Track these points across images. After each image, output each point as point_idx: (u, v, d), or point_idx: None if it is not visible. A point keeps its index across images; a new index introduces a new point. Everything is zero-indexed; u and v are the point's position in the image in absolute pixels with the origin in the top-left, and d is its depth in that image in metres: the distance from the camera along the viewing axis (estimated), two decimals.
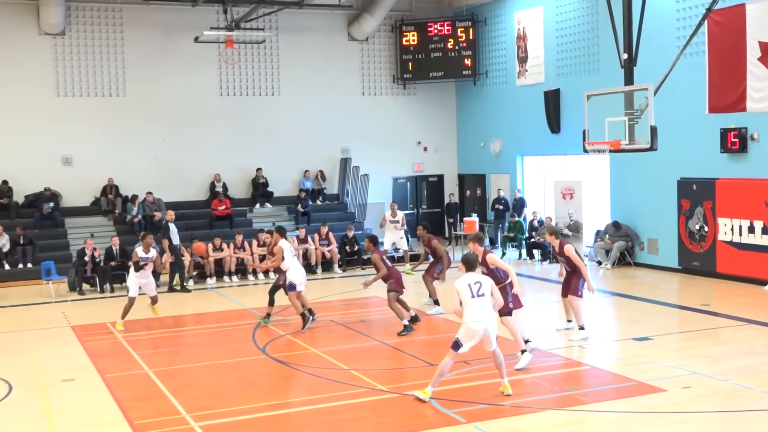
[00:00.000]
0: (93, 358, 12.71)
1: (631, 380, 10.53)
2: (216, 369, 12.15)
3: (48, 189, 23.43)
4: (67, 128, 24.38)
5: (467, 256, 10.12)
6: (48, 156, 24.21)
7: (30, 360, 12.94)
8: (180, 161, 25.47)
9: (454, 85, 28.77)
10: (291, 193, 26.42)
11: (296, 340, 13.68)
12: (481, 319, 9.57)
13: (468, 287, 9.65)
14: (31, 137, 23.96)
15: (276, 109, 26.61)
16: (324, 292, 18.82)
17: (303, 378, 11.35)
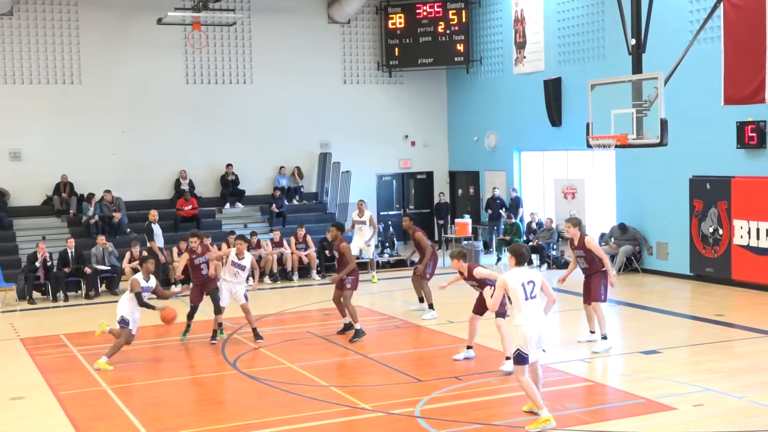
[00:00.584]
0: (45, 374, 12.69)
1: (638, 397, 10.63)
2: (181, 385, 12.16)
3: None
4: (14, 119, 24.28)
5: (517, 248, 9.74)
6: None
7: None
8: (141, 156, 25.43)
9: (445, 73, 28.87)
10: (264, 191, 26.43)
11: (270, 353, 13.71)
12: (531, 323, 9.41)
13: (522, 287, 9.41)
14: None
15: (248, 98, 26.61)
16: (301, 300, 18.84)
17: (277, 395, 11.37)
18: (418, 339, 14.74)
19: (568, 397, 10.80)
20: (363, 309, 17.43)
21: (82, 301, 19.75)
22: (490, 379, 11.76)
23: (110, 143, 25.18)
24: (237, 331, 15.36)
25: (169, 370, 13.14)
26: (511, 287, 9.39)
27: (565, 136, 23.38)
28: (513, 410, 10.25)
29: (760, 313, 15.79)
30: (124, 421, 10.37)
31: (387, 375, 12.25)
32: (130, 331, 13.30)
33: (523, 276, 9.46)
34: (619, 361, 12.90)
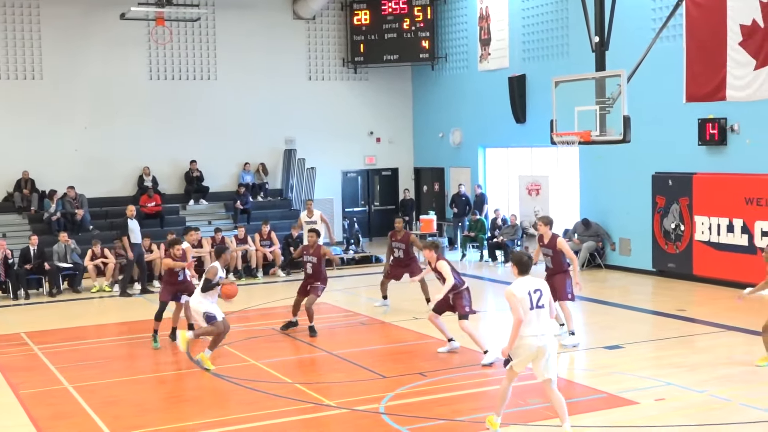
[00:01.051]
0: (5, 373, 12.54)
1: (600, 392, 10.71)
2: (144, 383, 12.08)
3: None
4: None
5: (519, 256, 9.21)
6: None
7: None
8: (104, 153, 25.20)
9: (411, 70, 28.89)
10: (229, 188, 26.31)
11: (234, 351, 13.64)
12: (538, 334, 8.88)
13: (528, 296, 8.91)
14: None
15: (212, 94, 26.46)
16: (266, 297, 18.77)
17: (241, 393, 11.32)
18: (382, 335, 14.75)
19: (530, 393, 10.84)
20: (328, 306, 17.43)
21: (44, 298, 19.55)
22: (454, 375, 11.79)
23: (73, 139, 24.93)
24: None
25: (131, 368, 13.04)
26: (519, 297, 8.88)
27: (530, 133, 23.49)
28: (476, 406, 10.29)
29: (721, 308, 15.97)
30: (85, 420, 10.27)
31: (352, 372, 12.23)
32: (222, 320, 12.90)
33: (529, 285, 9.00)
34: (582, 356, 12.99)
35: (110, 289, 20.17)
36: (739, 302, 12.75)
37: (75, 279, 20.31)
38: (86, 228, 22.99)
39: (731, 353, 12.68)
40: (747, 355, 12.48)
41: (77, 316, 17.33)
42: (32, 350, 14.17)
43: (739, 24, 17.05)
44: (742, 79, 17.23)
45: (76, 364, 13.19)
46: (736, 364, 12.06)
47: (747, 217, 17.69)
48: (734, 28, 17.14)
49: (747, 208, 17.66)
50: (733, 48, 17.20)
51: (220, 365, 12.73)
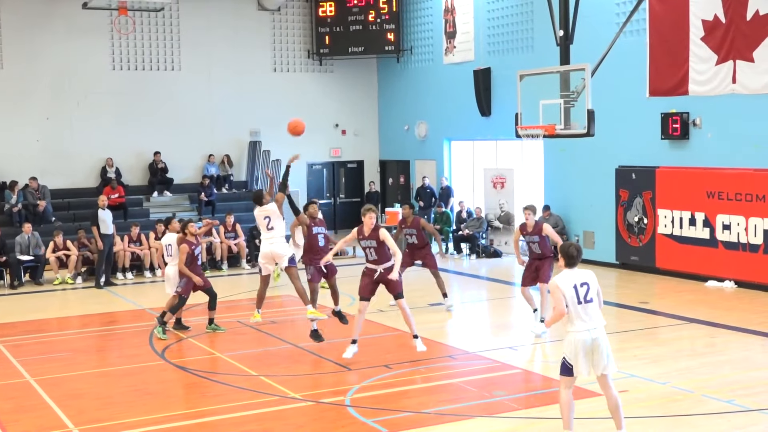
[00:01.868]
0: None
1: None
2: (107, 377, 11.98)
3: None
4: None
5: (566, 248, 8.63)
6: None
7: None
8: (66, 143, 24.93)
9: (376, 62, 28.87)
10: (193, 180, 26.13)
11: (199, 343, 13.58)
12: (589, 329, 8.47)
13: (574, 290, 8.50)
14: None
15: (176, 85, 26.25)
16: (230, 290, 18.69)
17: (206, 386, 11.28)
18: (348, 328, 14.70)
19: (495, 385, 10.92)
20: (291, 298, 17.35)
21: (5, 291, 19.33)
22: (419, 367, 11.82)
23: (34, 130, 24.62)
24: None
25: (94, 360, 12.95)
26: (563, 290, 8.45)
27: (495, 126, 23.58)
28: (442, 398, 10.32)
29: (683, 300, 16.17)
30: (48, 413, 10.17)
31: (317, 364, 12.23)
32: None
33: (576, 278, 8.57)
34: (546, 348, 13.08)
35: (73, 281, 19.98)
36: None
37: (36, 271, 20.09)
38: (48, 220, 22.72)
39: (693, 345, 12.84)
40: (709, 347, 12.65)
41: (39, 308, 17.13)
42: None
43: (702, 19, 17.28)
44: (704, 74, 17.47)
45: (38, 357, 13.06)
46: (699, 355, 12.22)
47: (709, 211, 17.88)
48: (696, 23, 17.36)
49: (709, 202, 17.86)
50: (696, 43, 17.42)
51: (184, 357, 12.68)
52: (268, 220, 13.46)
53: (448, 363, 12.16)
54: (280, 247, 13.40)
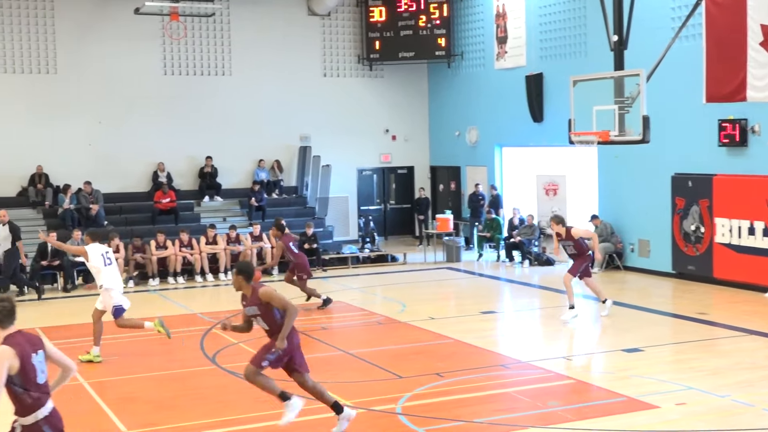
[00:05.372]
0: None
1: (620, 396, 10.66)
2: (159, 380, 12.09)
3: None
4: None
5: None
6: None
7: None
8: (118, 148, 25.23)
9: (426, 67, 28.85)
10: (244, 185, 26.31)
11: (250, 349, 13.61)
12: None
13: None
14: None
15: (227, 90, 26.48)
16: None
17: (258, 391, 11.23)
18: (399, 335, 14.71)
19: (549, 395, 10.83)
20: (342, 305, 17.44)
21: (58, 294, 19.64)
22: (472, 376, 11.76)
23: (87, 134, 24.98)
24: (216, 326, 15.27)
25: (147, 364, 13.06)
26: None
27: (547, 132, 23.43)
28: (495, 408, 10.26)
29: (742, 311, 15.89)
30: (101, 417, 10.29)
31: (367, 371, 12.23)
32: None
33: None
34: (601, 358, 12.95)
35: (125, 285, 20.16)
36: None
37: (89, 274, 20.32)
38: (101, 224, 23.03)
39: (753, 357, 12.60)
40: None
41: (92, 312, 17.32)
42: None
43: (760, 24, 16.95)
44: (762, 79, 17.14)
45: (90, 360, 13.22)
46: (759, 368, 11.98)
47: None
48: (754, 28, 17.04)
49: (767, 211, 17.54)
50: (754, 48, 17.10)
51: (236, 363, 12.73)
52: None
53: (500, 372, 12.09)
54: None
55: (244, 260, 9.34)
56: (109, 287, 13.48)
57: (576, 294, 15.62)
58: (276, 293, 9.11)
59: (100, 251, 13.60)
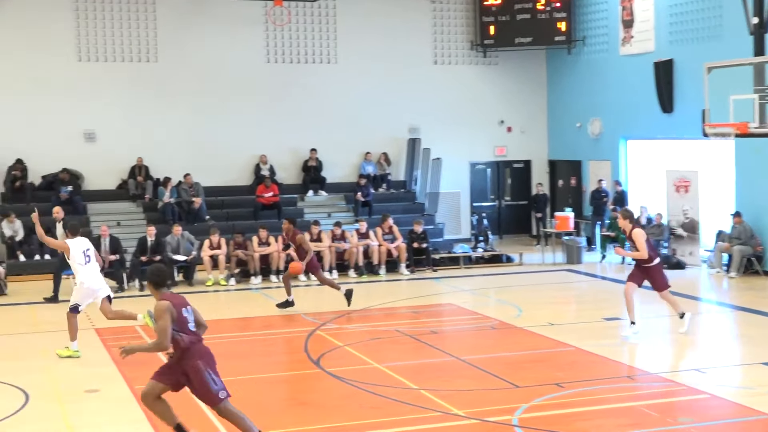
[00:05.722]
0: (120, 367, 12.95)
1: (760, 413, 10.34)
2: (262, 383, 12.29)
3: (65, 170, 23.87)
4: (89, 98, 24.82)
5: None
6: (68, 131, 24.68)
7: (48, 367, 13.26)
8: (220, 139, 25.73)
9: (545, 54, 28.56)
10: (349, 179, 26.54)
11: (356, 352, 13.75)
12: None
13: None
14: (48, 109, 24.43)
15: (332, 79, 26.72)
16: (389, 296, 18.88)
17: (363, 397, 11.38)
18: (514, 341, 14.60)
19: (680, 411, 10.59)
20: (454, 307, 17.43)
21: None
22: (594, 387, 11.58)
23: (187, 125, 25.54)
24: (321, 328, 15.45)
25: (248, 366, 13.26)
26: None
27: (678, 124, 22.92)
28: (620, 422, 10.06)
29: None
30: (201, 419, 10.49)
31: (481, 379, 12.16)
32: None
33: None
34: (738, 372, 12.58)
35: (226, 282, 20.62)
36: None
37: (189, 271, 20.84)
38: (202, 218, 23.55)
39: None
40: None
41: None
42: (146, 343, 14.56)
43: None
44: None
45: None
46: None
47: None
48: None
49: None
50: None
51: (341, 367, 12.84)
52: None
53: (626, 384, 11.87)
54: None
55: (154, 265, 9.19)
56: (89, 286, 13.75)
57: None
58: (165, 316, 8.78)
59: (82, 247, 13.87)
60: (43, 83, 24.43)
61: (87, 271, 13.74)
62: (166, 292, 8.83)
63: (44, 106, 24.40)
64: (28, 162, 24.17)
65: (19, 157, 24.07)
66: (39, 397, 11.54)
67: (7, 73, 24.20)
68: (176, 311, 8.73)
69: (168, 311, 8.59)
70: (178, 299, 8.87)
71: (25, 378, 12.41)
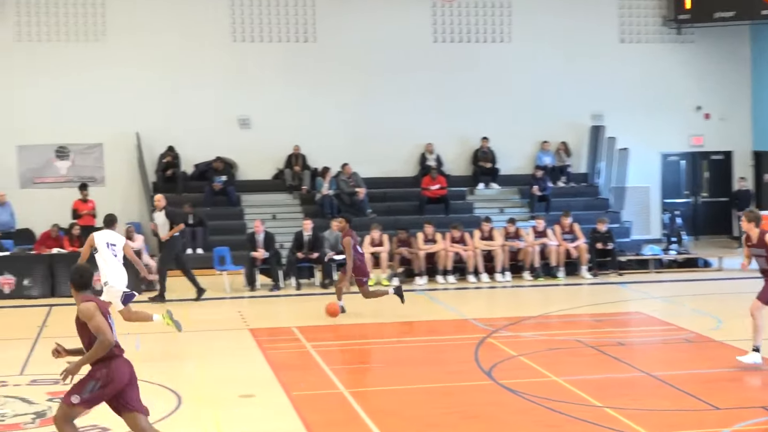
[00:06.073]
0: (276, 371, 13.23)
1: None
2: (427, 394, 12.31)
3: (219, 159, 24.57)
4: (244, 82, 25.52)
5: None
6: (221, 117, 25.46)
7: (201, 368, 13.69)
8: (381, 126, 25.97)
9: (749, 30, 27.76)
10: (524, 170, 26.42)
11: (532, 363, 13.63)
12: None
13: None
14: (201, 93, 25.24)
15: (505, 60, 26.63)
16: (568, 302, 18.67)
17: (540, 413, 11.26)
18: (713, 357, 14.18)
19: None
20: (643, 316, 17.11)
21: (316, 290, 20.54)
22: None
23: (347, 110, 25.87)
24: (492, 335, 15.40)
25: (412, 375, 13.33)
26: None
27: None
28: None
29: None
30: (362, 430, 10.61)
31: (675, 398, 11.86)
32: None
33: None
34: None
35: (388, 282, 20.78)
36: None
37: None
38: (363, 212, 23.80)
39: None
40: None
41: (350, 311, 17.99)
42: (304, 347, 14.87)
43: None
44: None
45: (352, 367, 13.74)
46: None
47: None
48: None
49: None
50: None
51: (515, 379, 12.76)
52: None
53: None
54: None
55: (76, 264, 9.02)
56: (116, 286, 13.99)
57: None
58: (97, 315, 8.52)
59: (106, 239, 14.21)
60: (196, 66, 25.23)
61: (112, 270, 14.11)
62: (88, 294, 8.80)
63: (197, 91, 25.16)
64: (180, 150, 24.99)
65: (171, 144, 24.92)
66: (191, 400, 11.89)
67: (159, 56, 25.10)
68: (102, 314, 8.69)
69: (97, 310, 8.59)
70: (103, 305, 8.86)
71: (177, 380, 12.83)
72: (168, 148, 24.91)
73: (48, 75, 24.61)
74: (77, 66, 24.75)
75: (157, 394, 11.96)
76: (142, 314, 14.52)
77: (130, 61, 24.79)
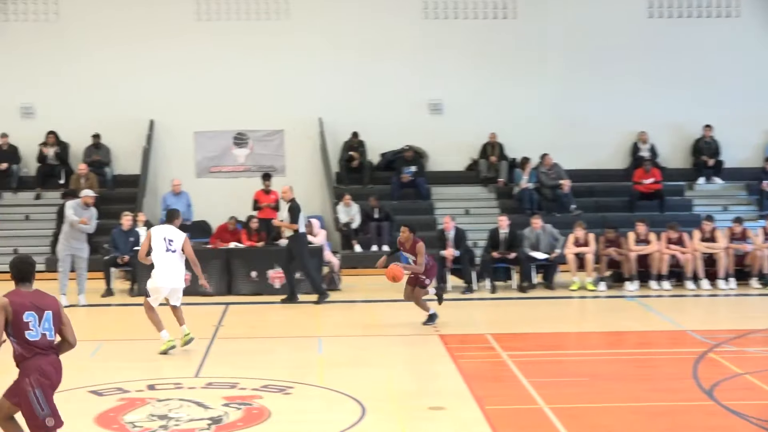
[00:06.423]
0: (469, 382, 13.20)
1: None
2: (637, 413, 12.08)
3: (409, 148, 24.73)
4: (436, 63, 25.75)
5: None
6: (410, 101, 25.71)
7: (386, 376, 13.78)
8: (589, 113, 25.75)
9: None
10: (752, 163, 25.80)
11: (761, 383, 13.19)
12: None
13: None
14: (389, 75, 25.64)
15: (730, 37, 25.96)
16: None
17: None
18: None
19: None
20: None
21: (513, 293, 20.48)
22: None
23: (550, 95, 25.76)
24: (714, 349, 14.98)
25: (622, 391, 13.10)
26: None
27: None
28: None
29: None
30: None
31: None
32: None
33: None
34: None
35: (594, 287, 20.48)
36: None
37: (549, 271, 20.92)
38: (566, 208, 23.55)
39: None
40: None
41: (554, 318, 17.83)
42: (500, 357, 14.79)
43: None
44: None
45: (552, 380, 13.54)
46: None
47: None
48: None
49: None
50: None
51: (741, 400, 12.37)
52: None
53: None
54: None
55: (17, 255, 8.67)
56: (158, 284, 14.51)
57: None
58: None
59: (164, 234, 14.54)
60: (383, 46, 25.53)
61: (161, 263, 14.52)
62: (21, 289, 8.65)
63: (385, 73, 25.50)
64: (365, 137, 25.28)
65: (355, 130, 25.23)
66: (376, 411, 11.98)
67: (345, 35, 25.53)
68: (14, 312, 8.50)
69: (2, 309, 8.46)
70: (27, 299, 8.65)
71: (362, 388, 12.96)
72: (352, 134, 25.23)
73: (228, 56, 25.28)
74: (258, 46, 25.37)
75: (341, 403, 12.14)
76: (157, 321, 14.81)
77: (314, 41, 25.29)
